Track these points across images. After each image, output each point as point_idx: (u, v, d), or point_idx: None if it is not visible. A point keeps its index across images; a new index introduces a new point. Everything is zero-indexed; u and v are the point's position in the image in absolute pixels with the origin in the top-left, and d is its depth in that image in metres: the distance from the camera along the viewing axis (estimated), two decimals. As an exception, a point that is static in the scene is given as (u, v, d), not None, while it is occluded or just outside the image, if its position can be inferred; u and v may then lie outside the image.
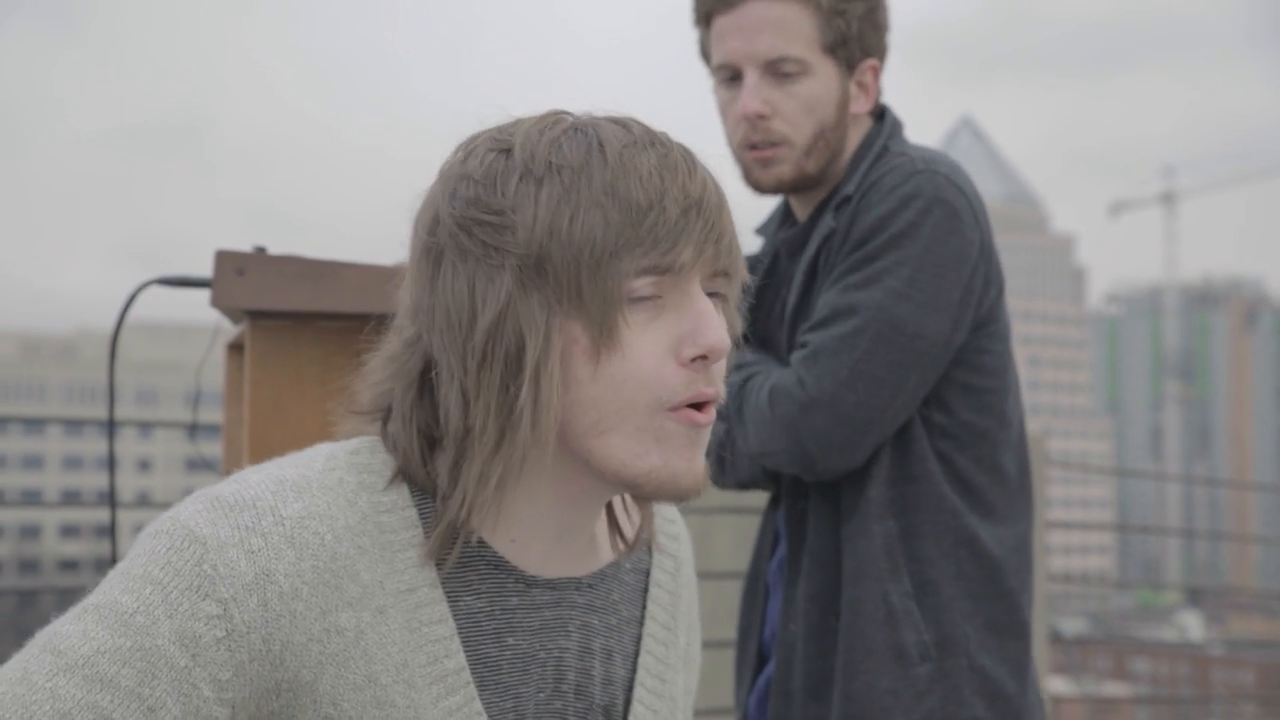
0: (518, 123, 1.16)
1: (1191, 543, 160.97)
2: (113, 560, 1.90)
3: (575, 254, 1.09)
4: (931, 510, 1.97)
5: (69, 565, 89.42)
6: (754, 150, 2.07)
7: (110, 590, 1.08)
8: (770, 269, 2.18)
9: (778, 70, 2.04)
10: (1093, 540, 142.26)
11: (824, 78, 2.06)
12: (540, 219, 1.10)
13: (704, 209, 1.12)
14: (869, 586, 1.95)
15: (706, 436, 1.15)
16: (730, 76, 2.09)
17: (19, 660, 1.06)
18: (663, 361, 1.11)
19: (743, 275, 1.19)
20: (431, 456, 1.16)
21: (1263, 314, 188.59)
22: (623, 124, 1.15)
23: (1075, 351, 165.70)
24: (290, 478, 1.13)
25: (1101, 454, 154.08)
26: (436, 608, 1.15)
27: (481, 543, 1.17)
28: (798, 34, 2.04)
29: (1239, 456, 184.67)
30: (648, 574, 1.33)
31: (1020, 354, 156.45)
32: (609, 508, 1.26)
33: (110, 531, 1.91)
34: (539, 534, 1.18)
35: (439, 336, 1.14)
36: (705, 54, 2.14)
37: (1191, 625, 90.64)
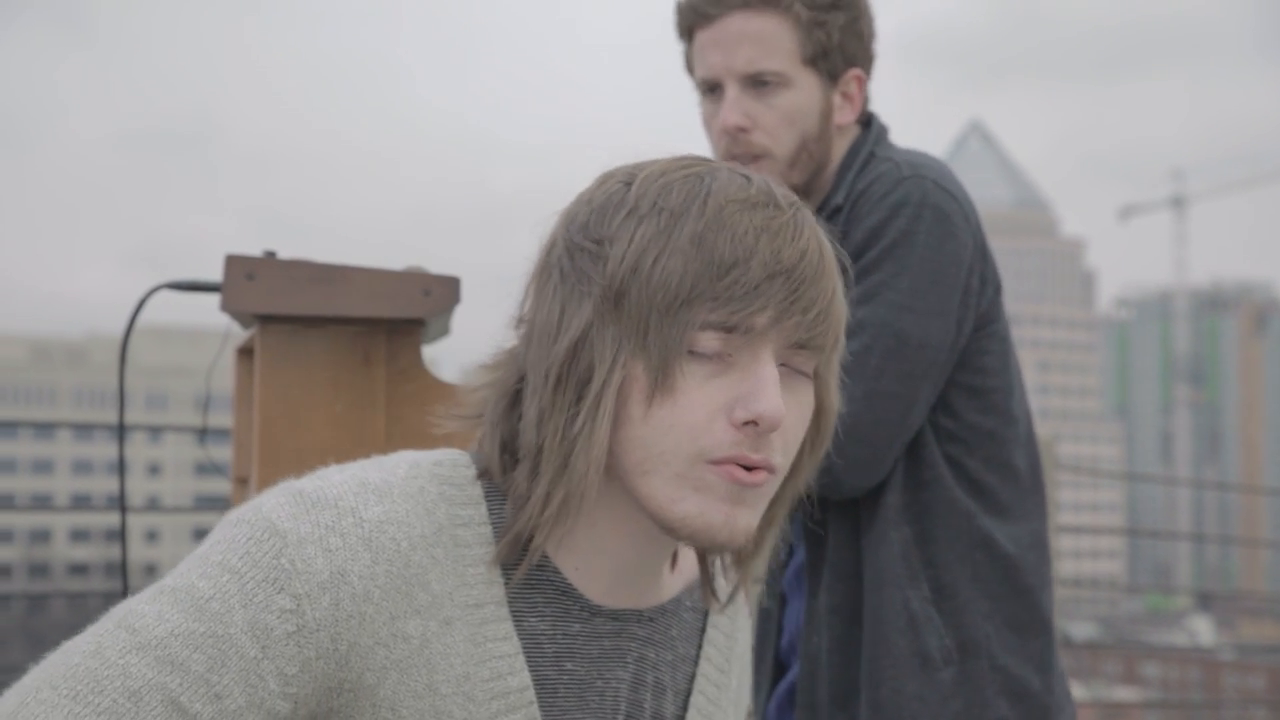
0: (655, 160, 1.18)
1: (1202, 547, 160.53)
2: (124, 564, 1.91)
3: (650, 295, 1.11)
4: (945, 514, 1.98)
5: (79, 570, 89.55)
6: (735, 162, 2.06)
7: (188, 574, 1.10)
8: None
9: (758, 82, 2.04)
10: (1103, 545, 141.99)
11: (805, 90, 2.05)
12: (629, 256, 1.12)
13: (794, 277, 1.11)
14: (889, 594, 1.96)
15: (755, 497, 1.14)
16: (711, 89, 2.09)
17: (92, 633, 1.08)
18: (714, 417, 1.11)
19: (839, 351, 1.18)
20: (512, 467, 1.18)
21: (1273, 318, 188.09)
22: (747, 180, 1.15)
23: (1085, 355, 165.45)
24: (373, 481, 1.15)
25: (1111, 458, 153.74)
26: (502, 625, 1.16)
27: (549, 566, 1.19)
28: (777, 47, 2.04)
29: (1249, 461, 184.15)
30: (706, 614, 1.34)
31: (1029, 358, 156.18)
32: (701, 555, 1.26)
33: (120, 536, 1.91)
34: (599, 565, 1.20)
35: (531, 351, 1.16)
36: (689, 68, 2.15)
37: (1202, 630, 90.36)
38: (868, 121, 2.15)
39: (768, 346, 1.12)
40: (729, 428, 1.11)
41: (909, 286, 1.94)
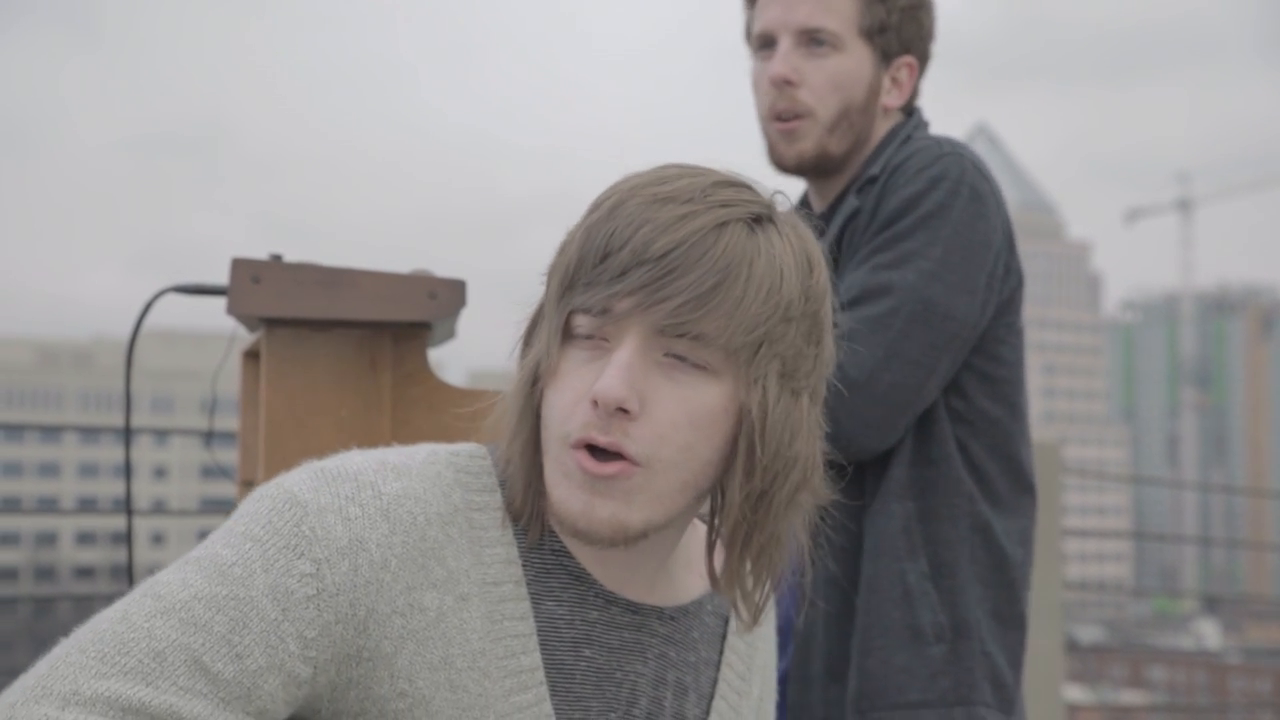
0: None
1: (1208, 550, 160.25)
2: (130, 568, 1.91)
3: (552, 284, 1.19)
4: (950, 494, 1.98)
5: (85, 572, 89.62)
6: (779, 122, 2.09)
7: (212, 545, 1.14)
8: None
9: (811, 40, 2.07)
10: (1109, 548, 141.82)
11: (856, 58, 2.08)
12: (558, 249, 1.21)
13: (660, 264, 1.12)
14: (886, 565, 1.96)
15: (615, 489, 1.14)
16: (765, 44, 2.11)
17: (120, 604, 1.12)
18: (579, 400, 1.15)
19: (747, 349, 1.15)
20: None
21: (1279, 321, 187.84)
22: (686, 182, 1.18)
23: (1091, 358, 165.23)
24: (392, 461, 1.19)
25: (1118, 461, 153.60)
26: (519, 604, 1.18)
27: (563, 552, 1.22)
28: (837, 10, 2.07)
29: (1256, 464, 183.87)
30: (727, 620, 1.35)
31: (1035, 361, 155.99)
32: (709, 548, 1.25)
33: (126, 538, 1.91)
34: (586, 550, 1.22)
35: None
36: (748, 32, 2.17)
37: (1208, 633, 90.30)
38: (910, 113, 2.17)
39: (631, 331, 1.14)
40: (587, 410, 1.14)
41: (940, 257, 1.94)
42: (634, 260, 1.12)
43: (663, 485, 1.16)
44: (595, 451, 1.14)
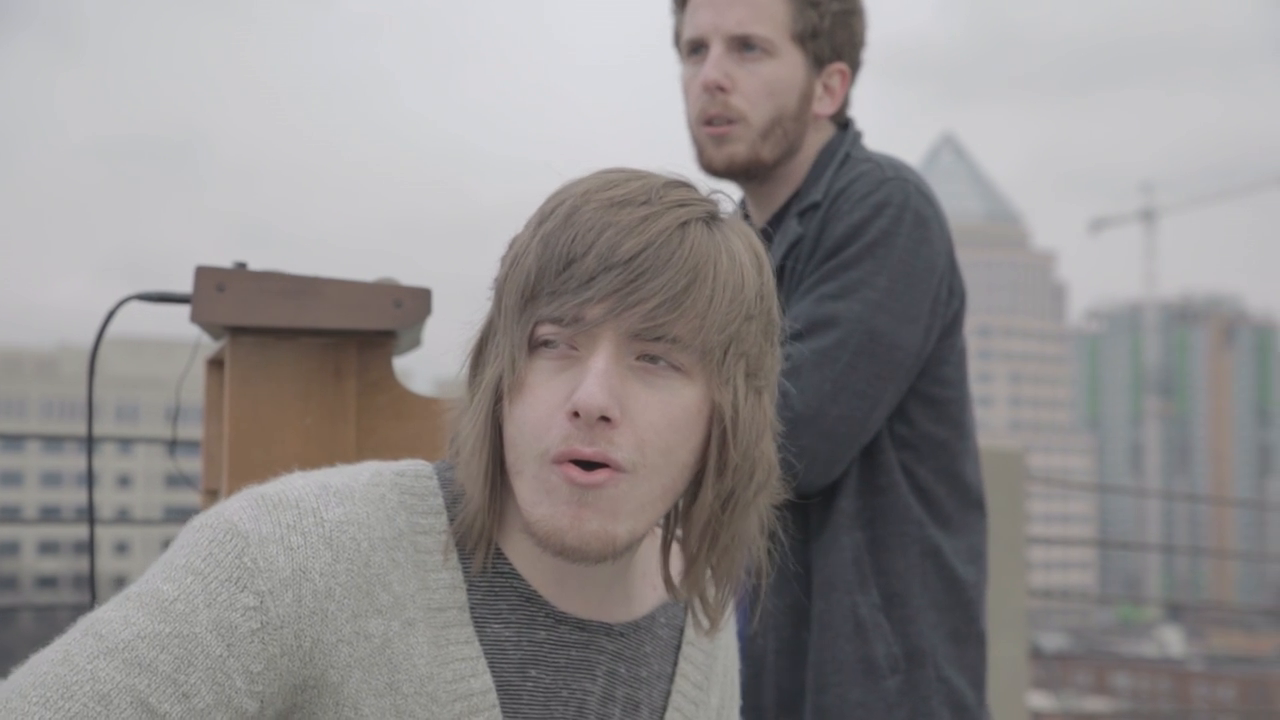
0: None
1: (1172, 558, 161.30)
2: (91, 577, 1.89)
3: (509, 296, 1.15)
4: (899, 521, 1.98)
5: (47, 582, 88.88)
6: (710, 126, 2.07)
7: (152, 579, 1.11)
8: None
9: (743, 45, 2.05)
10: (1073, 556, 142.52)
11: (789, 64, 2.06)
12: (506, 261, 1.18)
13: (630, 268, 1.10)
14: (838, 599, 1.95)
15: (603, 499, 1.12)
16: (695, 49, 2.10)
17: (60, 643, 1.09)
18: (553, 413, 1.12)
19: (717, 348, 1.15)
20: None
21: (1241, 330, 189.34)
22: (638, 185, 1.16)
23: (1056, 368, 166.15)
24: (334, 484, 1.17)
25: (1082, 470, 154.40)
26: (464, 629, 1.17)
27: (513, 573, 1.20)
28: (769, 15, 2.05)
29: (1219, 472, 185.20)
30: (682, 631, 1.33)
31: (1001, 370, 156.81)
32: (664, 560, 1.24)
33: (89, 548, 1.90)
34: (546, 569, 1.20)
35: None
36: (678, 37, 2.15)
37: (1172, 640, 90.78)
38: (844, 125, 2.16)
39: (604, 338, 1.12)
40: (564, 422, 1.11)
41: (886, 286, 1.94)
42: (601, 265, 1.10)
43: (645, 493, 1.14)
44: (578, 463, 1.12)
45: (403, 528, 1.17)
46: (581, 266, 1.11)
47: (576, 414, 1.10)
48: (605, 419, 1.10)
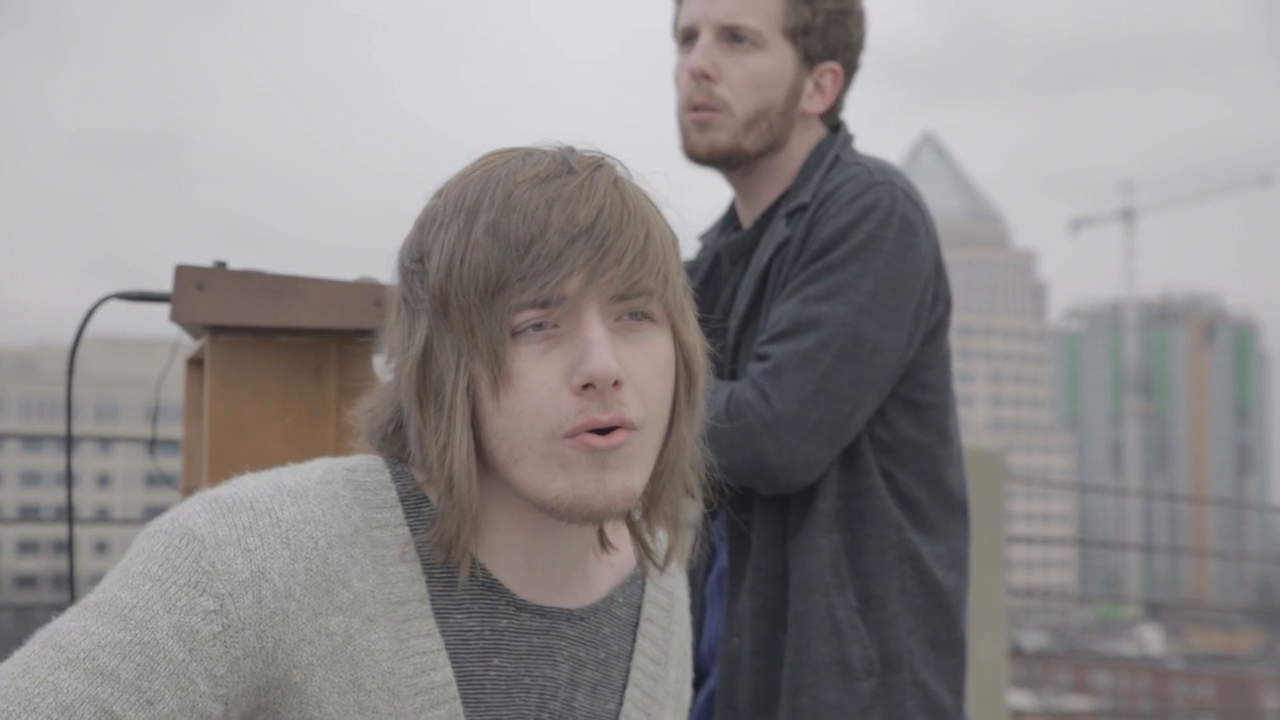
0: (470, 163, 1.22)
1: (1151, 557, 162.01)
2: (71, 577, 1.89)
3: (466, 295, 1.14)
4: (877, 524, 1.98)
5: (26, 581, 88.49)
6: (694, 112, 2.08)
7: (110, 588, 1.11)
8: (709, 274, 2.17)
9: (733, 36, 2.06)
10: (1053, 555, 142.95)
11: (778, 58, 2.07)
12: (441, 264, 1.15)
13: (594, 234, 1.12)
14: (815, 600, 1.95)
15: (621, 458, 1.15)
16: (688, 38, 2.11)
17: (20, 656, 1.08)
18: (556, 391, 1.13)
19: (674, 290, 1.19)
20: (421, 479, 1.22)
21: (1221, 330, 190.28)
22: (545, 157, 1.17)
23: (1036, 367, 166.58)
24: (288, 484, 1.17)
25: (1062, 469, 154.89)
26: (424, 622, 1.18)
27: (474, 563, 1.20)
28: (760, 8, 2.06)
29: (1198, 471, 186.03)
30: (640, 609, 1.35)
31: (981, 369, 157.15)
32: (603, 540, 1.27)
33: (68, 547, 1.89)
34: (512, 558, 1.22)
35: (399, 377, 1.21)
36: (674, 27, 2.16)
37: (1151, 639, 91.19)
38: (835, 127, 2.16)
39: (588, 308, 1.13)
40: (572, 397, 1.13)
41: (871, 290, 1.94)
42: (564, 239, 1.12)
43: (650, 443, 1.18)
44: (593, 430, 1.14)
45: (358, 523, 1.17)
46: (544, 245, 1.11)
47: (586, 386, 1.12)
48: (615, 383, 1.13)
